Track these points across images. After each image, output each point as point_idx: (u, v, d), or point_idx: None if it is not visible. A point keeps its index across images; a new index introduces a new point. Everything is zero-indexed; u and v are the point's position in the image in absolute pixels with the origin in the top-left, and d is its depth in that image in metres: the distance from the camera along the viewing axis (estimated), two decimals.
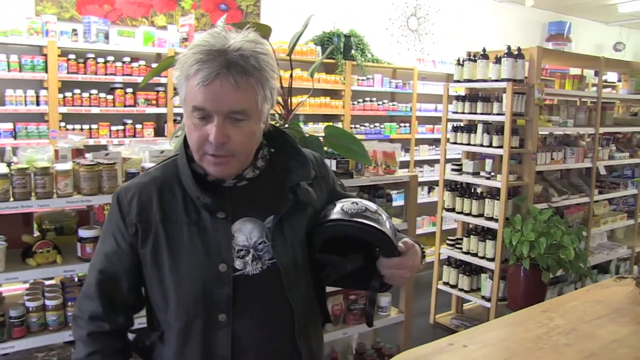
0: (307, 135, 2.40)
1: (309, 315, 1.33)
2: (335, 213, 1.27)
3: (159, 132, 4.48)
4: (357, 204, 1.28)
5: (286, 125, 2.56)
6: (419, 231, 5.96)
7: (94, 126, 4.18)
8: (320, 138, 2.44)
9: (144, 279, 1.28)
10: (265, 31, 2.43)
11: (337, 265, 1.29)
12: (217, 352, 1.22)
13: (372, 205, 1.30)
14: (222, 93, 1.12)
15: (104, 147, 3.60)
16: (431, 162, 6.35)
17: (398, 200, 3.63)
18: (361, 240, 1.27)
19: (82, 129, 4.09)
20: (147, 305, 1.33)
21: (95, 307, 1.27)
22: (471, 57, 4.24)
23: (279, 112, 2.64)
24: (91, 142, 4.09)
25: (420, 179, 6.20)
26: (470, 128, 4.26)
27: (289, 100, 2.60)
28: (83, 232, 2.21)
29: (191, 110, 1.15)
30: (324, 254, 1.29)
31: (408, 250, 1.25)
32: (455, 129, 4.36)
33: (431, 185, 6.27)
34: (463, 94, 4.47)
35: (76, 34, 4.04)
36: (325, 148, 2.67)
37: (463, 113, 4.33)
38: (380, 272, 1.25)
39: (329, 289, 2.58)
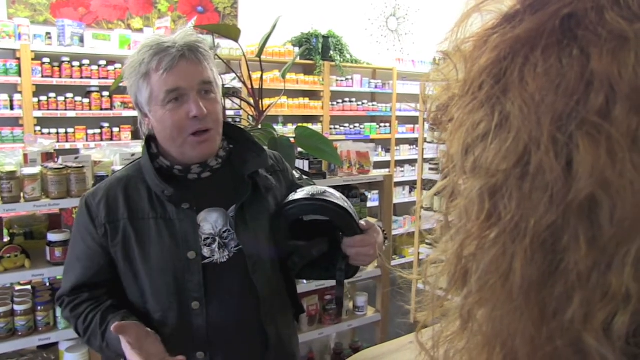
0: (278, 136, 2.40)
1: (277, 301, 1.38)
2: (298, 195, 1.34)
3: (137, 135, 4.43)
4: (318, 188, 1.36)
5: (259, 127, 2.56)
6: (400, 231, 5.98)
7: (70, 130, 4.14)
8: (292, 139, 2.45)
9: (119, 280, 1.33)
10: (234, 33, 2.43)
11: (303, 251, 1.34)
12: (194, 339, 1.27)
13: (335, 191, 1.36)
14: (190, 69, 1.24)
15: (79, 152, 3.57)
16: (412, 162, 6.37)
17: (375, 201, 3.64)
18: (324, 226, 1.32)
19: (57, 133, 4.05)
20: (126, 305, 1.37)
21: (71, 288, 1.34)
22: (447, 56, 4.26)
23: (251, 113, 2.64)
24: (67, 146, 4.05)
25: (401, 179, 6.23)
26: None
27: (261, 102, 2.61)
28: (52, 236, 2.19)
29: (163, 97, 1.23)
30: (290, 240, 1.35)
31: (369, 229, 1.33)
32: (433, 128, 4.37)
33: (412, 185, 6.29)
34: None
35: (50, 38, 4.00)
36: (300, 150, 2.67)
37: None
38: (345, 253, 1.31)
39: (303, 289, 2.61)
